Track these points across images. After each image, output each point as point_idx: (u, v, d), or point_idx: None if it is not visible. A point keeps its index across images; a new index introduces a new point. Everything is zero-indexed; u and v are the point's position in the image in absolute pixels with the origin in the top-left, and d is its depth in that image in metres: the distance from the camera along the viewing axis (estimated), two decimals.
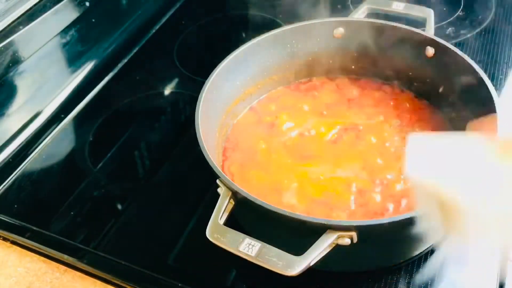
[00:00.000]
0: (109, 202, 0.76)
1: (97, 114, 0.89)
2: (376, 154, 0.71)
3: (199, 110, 0.66)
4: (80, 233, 0.71)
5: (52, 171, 0.81)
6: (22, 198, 0.77)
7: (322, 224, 0.53)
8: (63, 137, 0.86)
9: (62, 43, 0.91)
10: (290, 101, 0.81)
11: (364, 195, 0.66)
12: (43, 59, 0.88)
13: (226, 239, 0.53)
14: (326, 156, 0.71)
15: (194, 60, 0.98)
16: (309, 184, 0.68)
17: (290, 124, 0.76)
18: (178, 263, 0.67)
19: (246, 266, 0.53)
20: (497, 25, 0.98)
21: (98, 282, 0.65)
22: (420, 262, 0.65)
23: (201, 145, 0.62)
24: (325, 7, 1.04)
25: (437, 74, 0.74)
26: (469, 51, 0.92)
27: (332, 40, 0.80)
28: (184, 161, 0.79)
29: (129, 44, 1.02)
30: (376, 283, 0.63)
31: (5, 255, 0.69)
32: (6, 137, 0.83)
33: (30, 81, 0.87)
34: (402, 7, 0.80)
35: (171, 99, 0.93)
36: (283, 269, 0.51)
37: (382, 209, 0.65)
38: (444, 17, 1.00)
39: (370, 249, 0.61)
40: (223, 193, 0.57)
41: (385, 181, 0.68)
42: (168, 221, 0.72)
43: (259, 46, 0.77)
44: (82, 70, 0.95)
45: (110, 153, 0.82)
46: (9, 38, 0.81)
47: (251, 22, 1.07)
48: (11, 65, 0.82)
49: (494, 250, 0.64)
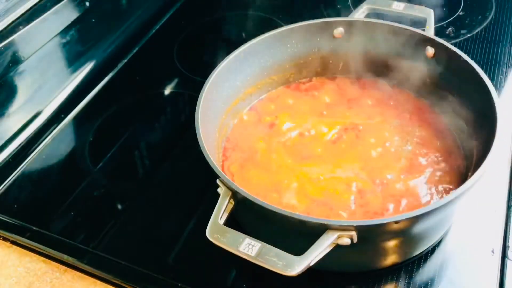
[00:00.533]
0: (109, 202, 0.76)
1: (97, 114, 0.89)
2: (376, 154, 0.71)
3: (199, 110, 0.66)
4: (80, 233, 0.71)
5: (52, 171, 0.81)
6: (22, 198, 0.77)
7: (322, 224, 0.53)
8: (63, 137, 0.86)
9: (62, 43, 0.91)
10: (290, 101, 0.81)
11: (364, 195, 0.66)
12: (43, 59, 0.88)
13: (226, 239, 0.53)
14: (326, 156, 0.71)
15: (194, 60, 0.98)
16: (309, 184, 0.68)
17: (290, 124, 0.76)
18: (178, 263, 0.67)
19: (246, 266, 0.53)
20: (497, 25, 0.98)
21: (98, 282, 0.65)
22: (420, 262, 0.65)
23: (201, 145, 0.62)
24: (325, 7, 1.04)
25: (437, 74, 0.74)
26: (469, 51, 0.92)
27: (332, 40, 0.80)
28: (184, 161, 0.79)
29: (129, 44, 1.02)
30: (376, 283, 0.63)
31: (5, 255, 0.69)
32: (6, 137, 0.83)
33: (30, 81, 0.87)
34: (402, 7, 0.80)
35: (171, 99, 0.93)
36: (283, 269, 0.51)
37: (382, 209, 0.65)
38: (444, 17, 1.00)
39: (370, 249, 0.61)
40: (223, 193, 0.57)
41: (385, 181, 0.68)
42: (168, 221, 0.72)
43: (259, 46, 0.77)
44: (82, 70, 0.95)
45: (110, 153, 0.82)
46: (9, 38, 0.81)
47: (251, 22, 1.07)
48: (11, 65, 0.82)
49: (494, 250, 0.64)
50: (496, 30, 0.97)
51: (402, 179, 0.68)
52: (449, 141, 0.72)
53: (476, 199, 0.69)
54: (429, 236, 0.64)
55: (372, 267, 0.64)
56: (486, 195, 0.70)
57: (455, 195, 0.55)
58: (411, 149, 0.71)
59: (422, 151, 0.71)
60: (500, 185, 0.72)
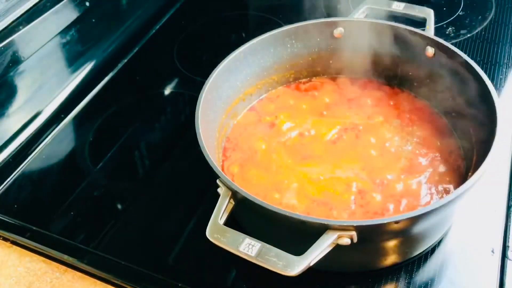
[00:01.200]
0: (109, 202, 0.76)
1: (97, 114, 0.89)
2: (376, 154, 0.71)
3: (199, 110, 0.66)
4: (80, 233, 0.71)
5: (52, 171, 0.81)
6: (22, 198, 0.77)
7: (322, 224, 0.53)
8: (63, 137, 0.86)
9: (62, 43, 0.91)
10: (290, 101, 0.81)
11: (364, 195, 0.66)
12: (43, 59, 0.88)
13: (226, 239, 0.53)
14: (326, 156, 0.71)
15: (194, 60, 0.98)
16: (309, 184, 0.68)
17: (290, 124, 0.76)
18: (178, 263, 0.67)
19: (246, 266, 0.53)
20: (497, 25, 0.98)
21: (98, 282, 0.65)
22: (420, 262, 0.65)
23: (201, 145, 0.62)
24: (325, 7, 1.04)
25: (437, 74, 0.74)
26: (469, 51, 0.92)
27: (332, 40, 0.80)
28: (184, 161, 0.79)
29: (129, 44, 1.02)
30: (376, 283, 0.63)
31: (5, 255, 0.69)
32: (6, 137, 0.83)
33: (30, 81, 0.86)
34: (402, 7, 0.80)
35: (171, 99, 0.93)
36: (283, 269, 0.51)
37: (382, 209, 0.65)
38: (444, 17, 1.00)
39: (370, 249, 0.61)
40: (223, 193, 0.57)
41: (385, 181, 0.68)
42: (168, 221, 0.72)
43: (259, 46, 0.77)
44: (82, 70, 0.95)
45: (110, 153, 0.82)
46: (9, 38, 0.81)
47: (251, 22, 1.07)
48: (11, 65, 0.82)
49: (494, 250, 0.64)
50: (496, 30, 0.97)
51: (402, 179, 0.68)
52: (449, 141, 0.72)
53: (476, 199, 0.69)
54: (429, 236, 0.64)
55: (372, 267, 0.64)
56: (486, 195, 0.70)
57: (455, 195, 0.55)
58: (411, 149, 0.71)
59: (422, 151, 0.71)
60: (500, 185, 0.72)
